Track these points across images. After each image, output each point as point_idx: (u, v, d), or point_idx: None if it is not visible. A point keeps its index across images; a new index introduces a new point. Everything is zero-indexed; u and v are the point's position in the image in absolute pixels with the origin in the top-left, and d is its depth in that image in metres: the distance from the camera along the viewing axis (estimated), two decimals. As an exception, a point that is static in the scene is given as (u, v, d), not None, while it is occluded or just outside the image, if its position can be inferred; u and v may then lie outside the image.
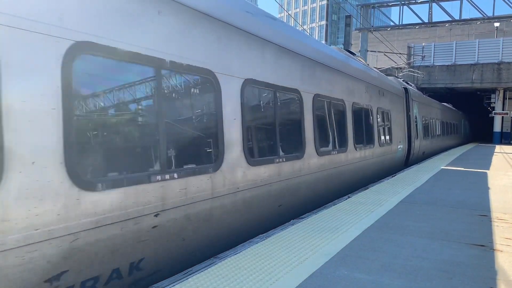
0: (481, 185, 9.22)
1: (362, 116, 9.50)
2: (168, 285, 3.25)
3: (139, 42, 3.49)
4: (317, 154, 6.88)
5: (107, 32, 3.22)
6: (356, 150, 8.91)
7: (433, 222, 5.59)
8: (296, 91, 6.27)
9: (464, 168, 12.87)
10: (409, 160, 15.05)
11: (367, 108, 9.94)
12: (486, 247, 4.48)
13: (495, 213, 6.23)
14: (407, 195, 7.57)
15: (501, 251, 4.38)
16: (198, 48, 4.21)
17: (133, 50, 3.44)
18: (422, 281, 3.46)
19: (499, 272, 3.73)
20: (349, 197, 7.27)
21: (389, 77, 14.24)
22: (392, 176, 10.42)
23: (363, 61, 11.84)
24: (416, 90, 19.35)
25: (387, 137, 11.72)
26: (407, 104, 14.79)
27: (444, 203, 6.96)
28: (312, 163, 6.71)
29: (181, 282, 3.30)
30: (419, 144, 16.08)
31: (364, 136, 9.60)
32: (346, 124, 8.35)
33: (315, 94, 6.91)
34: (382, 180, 9.78)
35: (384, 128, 11.37)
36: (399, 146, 13.05)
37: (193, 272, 3.52)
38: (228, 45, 4.70)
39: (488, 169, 12.82)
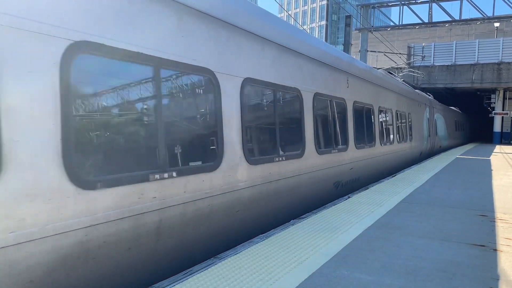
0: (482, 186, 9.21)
1: None
2: (168, 285, 3.24)
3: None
4: None
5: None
6: None
7: (433, 222, 5.59)
8: None
9: None
10: None
11: None
12: (487, 247, 4.48)
13: (495, 213, 6.23)
14: (408, 195, 7.57)
15: (501, 251, 4.37)
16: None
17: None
18: (422, 281, 3.46)
19: (500, 273, 3.72)
20: (349, 197, 7.27)
21: None
22: None
23: None
24: None
25: None
26: None
27: (444, 203, 6.95)
28: None
29: (181, 282, 3.30)
30: None
31: None
32: None
33: None
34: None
35: None
36: None
37: (193, 272, 3.52)
38: None
39: None
